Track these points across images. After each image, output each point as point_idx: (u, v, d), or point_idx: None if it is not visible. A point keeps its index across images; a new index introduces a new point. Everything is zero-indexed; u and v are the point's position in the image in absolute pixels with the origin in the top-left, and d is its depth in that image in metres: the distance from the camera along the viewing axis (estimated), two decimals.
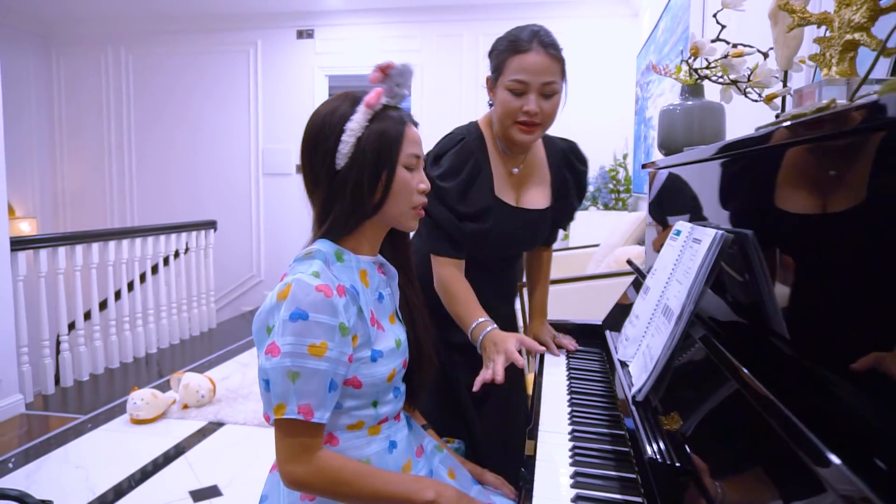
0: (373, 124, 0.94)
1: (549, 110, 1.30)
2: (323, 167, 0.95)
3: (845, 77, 0.89)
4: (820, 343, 0.67)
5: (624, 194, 5.00)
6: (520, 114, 1.28)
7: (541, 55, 1.26)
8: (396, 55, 5.73)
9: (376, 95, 0.94)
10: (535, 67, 1.25)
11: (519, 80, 1.26)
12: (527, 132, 1.30)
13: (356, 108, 0.94)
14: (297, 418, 0.86)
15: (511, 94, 1.28)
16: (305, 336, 0.85)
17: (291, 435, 0.87)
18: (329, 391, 0.88)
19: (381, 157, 0.94)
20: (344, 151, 0.93)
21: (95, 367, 4.00)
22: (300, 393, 0.85)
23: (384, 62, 0.97)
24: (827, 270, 0.66)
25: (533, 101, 1.26)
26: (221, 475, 2.50)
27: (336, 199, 0.95)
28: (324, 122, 0.95)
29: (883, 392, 0.54)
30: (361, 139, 0.93)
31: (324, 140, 0.94)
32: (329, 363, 0.87)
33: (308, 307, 0.85)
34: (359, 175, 0.93)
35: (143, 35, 6.18)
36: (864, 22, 0.85)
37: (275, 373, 0.85)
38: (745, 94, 1.29)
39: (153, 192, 6.30)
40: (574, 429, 1.10)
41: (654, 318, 1.06)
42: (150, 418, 3.03)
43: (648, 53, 4.26)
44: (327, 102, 0.98)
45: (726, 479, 0.71)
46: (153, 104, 6.25)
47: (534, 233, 1.49)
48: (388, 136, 0.95)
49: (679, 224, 1.14)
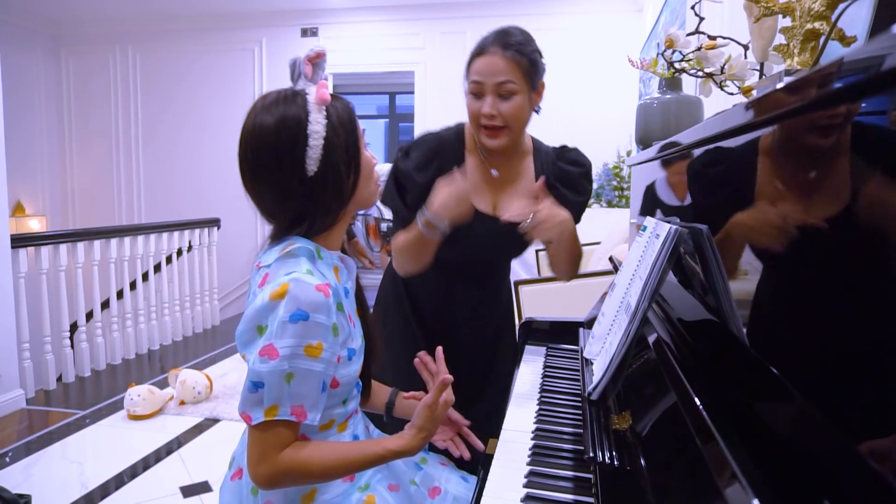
0: (329, 120, 0.91)
1: (507, 112, 1.25)
2: (293, 178, 0.89)
3: (806, 67, 0.87)
4: (772, 342, 0.65)
5: (627, 192, 4.95)
6: (480, 117, 1.26)
7: (497, 56, 1.23)
8: (400, 53, 5.76)
9: (325, 90, 0.91)
10: (489, 69, 1.23)
11: (475, 82, 1.25)
12: (490, 136, 1.27)
13: (308, 109, 0.89)
14: (290, 420, 0.84)
15: (472, 97, 1.27)
16: (304, 337, 0.83)
17: (268, 436, 0.85)
18: (322, 392, 0.86)
19: (349, 148, 0.93)
20: (315, 157, 0.89)
21: (97, 363, 4.04)
22: (294, 395, 0.83)
23: (312, 51, 0.93)
24: (777, 264, 0.64)
25: (488, 103, 1.24)
26: (213, 471, 2.51)
27: (316, 203, 0.91)
28: (278, 133, 0.88)
29: (812, 386, 0.52)
30: (328, 139, 0.90)
31: (286, 152, 0.88)
32: (323, 364, 0.85)
33: (308, 307, 0.83)
34: (335, 173, 0.91)
35: (149, 34, 6.23)
36: (823, 10, 0.82)
37: (271, 376, 0.82)
38: (721, 87, 1.26)
39: (160, 189, 6.34)
40: (538, 427, 1.09)
41: (618, 315, 1.04)
42: (146, 414, 3.05)
43: (651, 48, 4.22)
44: (265, 112, 0.90)
45: (666, 479, 0.69)
46: (160, 102, 6.29)
47: (509, 243, 1.37)
48: (349, 127, 0.93)
49: (647, 220, 1.12)
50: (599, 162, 4.94)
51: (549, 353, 1.54)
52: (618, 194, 4.96)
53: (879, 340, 0.42)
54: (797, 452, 0.53)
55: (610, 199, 4.96)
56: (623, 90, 5.15)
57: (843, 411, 0.47)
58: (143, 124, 6.35)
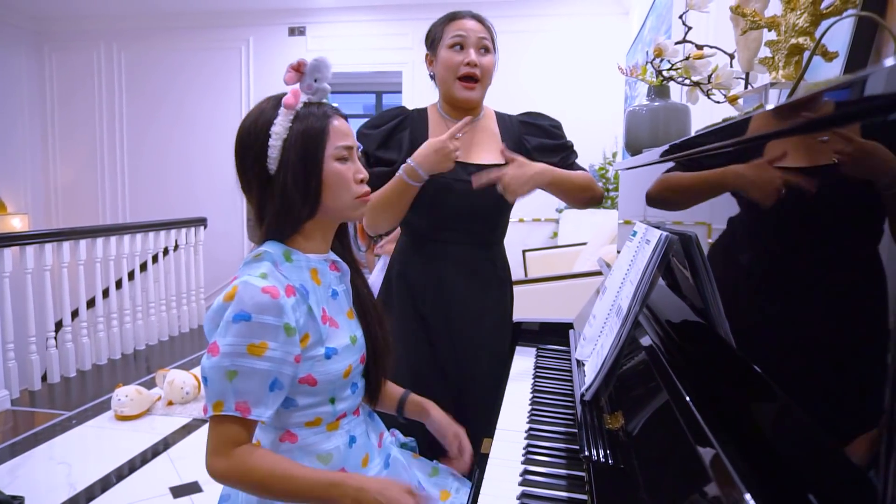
0: (295, 124, 0.95)
1: (486, 65, 1.43)
2: (254, 172, 0.96)
3: (791, 80, 0.90)
4: (758, 344, 0.69)
5: (613, 192, 5.00)
6: (462, 66, 1.41)
7: (474, 21, 1.44)
8: (389, 53, 5.76)
9: (294, 96, 0.95)
10: (471, 27, 1.43)
11: (459, 36, 1.42)
12: (468, 88, 1.43)
13: (278, 111, 0.95)
14: (234, 415, 0.87)
15: (452, 50, 1.42)
16: (246, 336, 0.87)
17: (221, 429, 0.89)
18: (271, 390, 0.89)
19: (307, 156, 0.95)
20: (273, 156, 0.94)
21: (82, 364, 4.01)
22: (238, 391, 0.87)
23: (296, 61, 0.97)
24: (758, 270, 0.67)
25: (472, 53, 1.41)
26: (203, 471, 2.48)
27: (268, 203, 0.96)
28: (250, 127, 0.96)
29: (803, 387, 0.55)
30: (287, 141, 0.94)
31: (251, 146, 0.95)
32: (271, 363, 0.88)
33: (252, 309, 0.87)
34: (286, 177, 0.94)
35: (134, 32, 6.17)
36: (807, 26, 0.86)
37: (213, 371, 0.87)
38: (707, 96, 1.30)
39: (146, 189, 6.29)
40: (531, 427, 1.11)
41: (609, 318, 1.07)
42: (134, 415, 3.04)
43: (637, 52, 4.27)
44: (255, 107, 0.99)
45: (661, 477, 0.72)
46: (145, 101, 6.24)
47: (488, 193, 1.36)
48: (311, 134, 0.95)
49: (637, 224, 1.16)
50: (585, 163, 4.98)
51: (539, 354, 1.57)
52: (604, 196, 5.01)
53: (857, 341, 0.45)
54: (783, 448, 0.56)
55: None
56: (609, 92, 5.20)
57: (824, 409, 0.50)
58: (127, 122, 6.29)
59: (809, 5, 0.84)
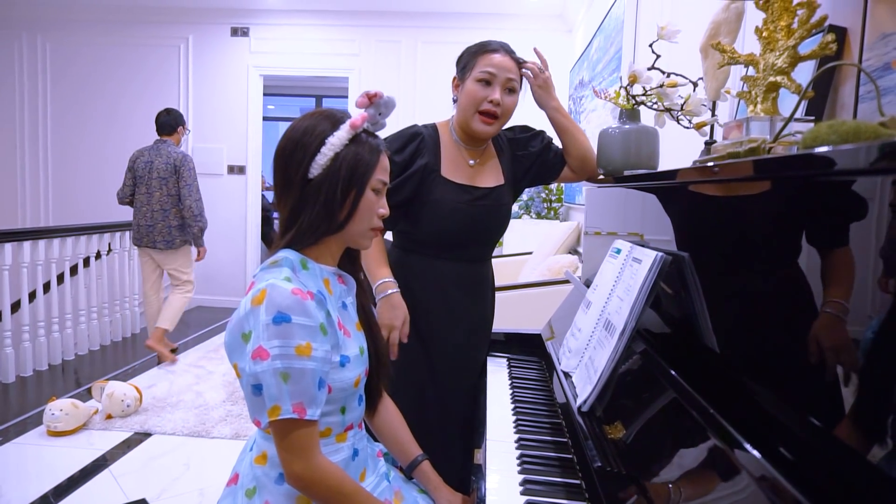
0: (351, 145, 0.99)
1: (508, 105, 1.48)
2: (297, 174, 0.98)
3: (769, 115, 0.99)
4: (745, 355, 0.75)
5: (556, 204, 5.16)
6: (485, 102, 1.45)
7: (508, 58, 1.47)
8: (335, 58, 5.72)
9: (362, 119, 1.00)
10: (502, 65, 1.46)
11: (488, 72, 1.45)
12: (487, 123, 1.47)
13: (339, 127, 0.99)
14: (293, 417, 0.88)
15: (479, 84, 1.45)
16: (290, 338, 0.88)
17: (289, 434, 0.90)
18: (319, 388, 0.91)
19: (354, 176, 0.99)
20: (320, 162, 0.97)
21: (6, 376, 3.75)
22: (292, 392, 0.88)
23: (372, 90, 1.02)
24: (747, 291, 0.74)
25: (498, 92, 1.45)
26: (150, 488, 2.41)
27: (306, 206, 0.98)
28: (304, 133, 0.99)
29: (797, 395, 0.61)
30: (339, 155, 0.98)
31: (301, 148, 0.98)
32: (316, 362, 0.90)
33: (288, 310, 0.88)
34: (330, 188, 0.97)
35: (61, 23, 5.84)
36: (785, 67, 0.94)
37: (266, 375, 0.88)
38: (677, 121, 1.39)
39: (71, 190, 5.95)
40: (520, 437, 1.15)
41: (596, 331, 1.13)
42: (69, 430, 2.87)
43: (581, 69, 4.43)
44: (307, 118, 1.02)
45: (668, 483, 0.77)
46: (73, 97, 5.91)
47: (486, 208, 1.53)
48: (364, 159, 1.00)
49: (618, 242, 1.22)
50: None
51: (511, 365, 1.62)
52: (547, 206, 5.16)
53: (833, 346, 0.51)
54: (777, 447, 0.62)
55: (539, 210, 5.15)
56: None
57: (824, 409, 0.56)
58: (52, 119, 5.95)
59: (790, 48, 0.92)
